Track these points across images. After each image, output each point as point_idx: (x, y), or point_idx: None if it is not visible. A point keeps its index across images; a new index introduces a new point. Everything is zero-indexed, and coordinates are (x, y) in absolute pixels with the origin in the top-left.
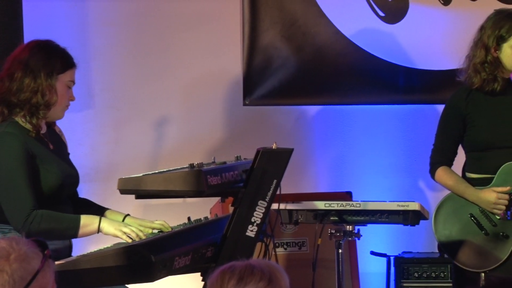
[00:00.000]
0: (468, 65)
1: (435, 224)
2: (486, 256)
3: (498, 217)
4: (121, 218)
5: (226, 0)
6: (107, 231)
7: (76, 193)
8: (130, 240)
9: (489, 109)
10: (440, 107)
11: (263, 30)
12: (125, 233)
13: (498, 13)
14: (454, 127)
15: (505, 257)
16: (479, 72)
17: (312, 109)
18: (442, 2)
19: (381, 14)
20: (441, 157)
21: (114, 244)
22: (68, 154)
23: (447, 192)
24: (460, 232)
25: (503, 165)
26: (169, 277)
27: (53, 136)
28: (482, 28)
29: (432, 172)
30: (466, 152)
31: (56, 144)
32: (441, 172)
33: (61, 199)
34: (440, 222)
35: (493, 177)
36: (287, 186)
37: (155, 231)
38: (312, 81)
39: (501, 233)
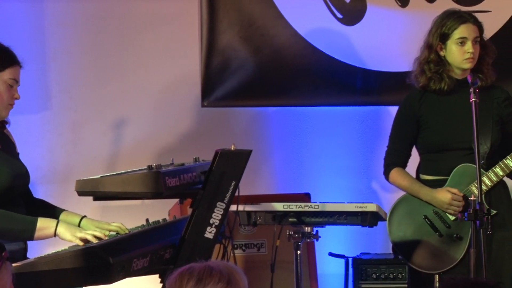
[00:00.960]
0: (416, 67)
1: (389, 226)
2: (441, 257)
3: (452, 219)
4: (78, 220)
5: (184, 2)
6: (64, 237)
7: (30, 194)
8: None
9: (442, 111)
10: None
11: (221, 32)
12: (80, 238)
13: (443, 13)
14: (408, 129)
15: (459, 258)
16: (424, 72)
17: (270, 111)
18: (400, 4)
19: (339, 16)
20: (395, 158)
21: (72, 246)
22: (18, 154)
23: (404, 193)
24: (414, 234)
25: (457, 167)
26: (127, 279)
27: (1, 135)
28: (429, 31)
29: (386, 174)
30: (420, 154)
31: (4, 144)
32: (395, 174)
33: (12, 199)
34: (394, 224)
35: (447, 179)
36: (245, 188)
37: (112, 233)
38: (270, 82)
39: (455, 235)
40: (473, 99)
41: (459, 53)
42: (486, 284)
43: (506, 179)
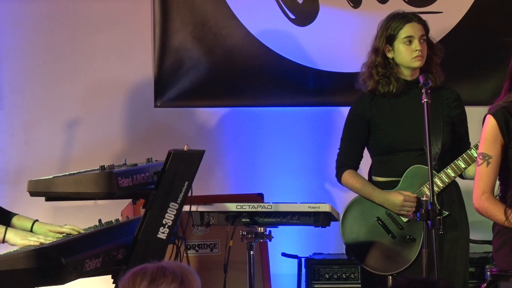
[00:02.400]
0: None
1: (342, 228)
2: (394, 259)
3: (404, 220)
4: (30, 224)
5: (137, 1)
6: (14, 242)
7: None
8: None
9: (392, 113)
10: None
11: (174, 31)
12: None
13: (387, 16)
14: (359, 131)
15: (413, 259)
16: (372, 75)
17: (223, 111)
18: (352, 5)
19: (292, 16)
20: (347, 160)
21: (24, 247)
22: None
23: (357, 194)
24: (367, 236)
25: (409, 169)
26: (80, 280)
27: None
28: (375, 35)
29: (339, 176)
30: (371, 156)
31: None
32: (347, 175)
33: None
34: (347, 225)
35: (399, 180)
36: (198, 188)
37: (65, 235)
38: (223, 82)
39: (407, 236)
40: (425, 99)
41: (407, 52)
42: (425, 282)
43: (457, 179)
